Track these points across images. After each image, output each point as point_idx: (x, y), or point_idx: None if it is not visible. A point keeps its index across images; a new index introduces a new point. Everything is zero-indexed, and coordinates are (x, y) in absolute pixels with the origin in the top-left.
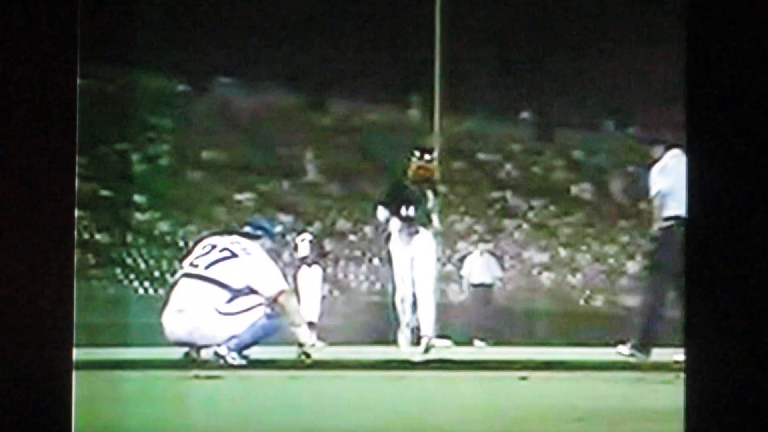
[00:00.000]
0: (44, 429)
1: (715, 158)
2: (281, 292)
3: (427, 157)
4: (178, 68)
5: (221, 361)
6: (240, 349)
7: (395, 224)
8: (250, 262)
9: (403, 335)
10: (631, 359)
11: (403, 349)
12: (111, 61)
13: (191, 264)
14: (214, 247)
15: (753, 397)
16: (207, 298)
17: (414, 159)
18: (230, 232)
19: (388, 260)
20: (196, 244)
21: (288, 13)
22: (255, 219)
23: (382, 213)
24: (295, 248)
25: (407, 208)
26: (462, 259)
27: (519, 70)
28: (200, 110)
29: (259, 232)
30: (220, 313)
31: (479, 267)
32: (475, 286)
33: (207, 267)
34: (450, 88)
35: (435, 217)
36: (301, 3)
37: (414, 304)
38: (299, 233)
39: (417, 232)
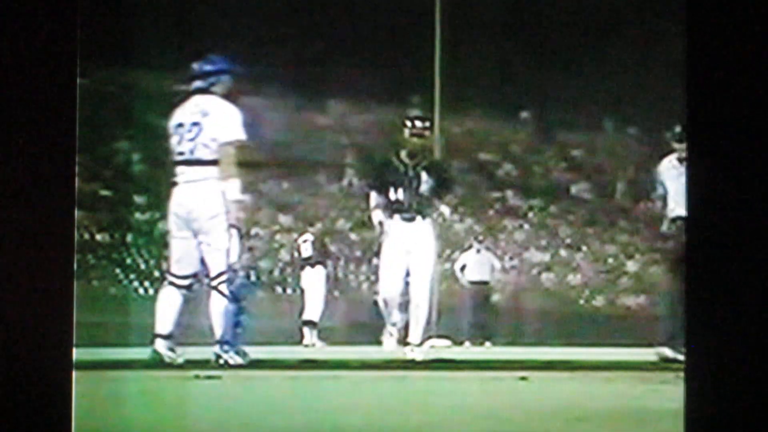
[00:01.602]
0: (44, 429)
1: (715, 158)
2: (233, 142)
3: (419, 124)
4: (178, 68)
5: (221, 362)
6: (230, 343)
7: (385, 211)
8: (211, 121)
9: (388, 336)
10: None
11: (386, 349)
12: (111, 61)
13: (179, 152)
14: (182, 126)
15: (753, 397)
16: (206, 176)
17: (406, 129)
18: (193, 92)
19: (378, 253)
20: (168, 126)
21: (288, 14)
22: (200, 64)
23: (372, 199)
24: (298, 249)
25: (395, 191)
26: (457, 258)
27: (519, 70)
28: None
29: (212, 79)
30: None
31: (475, 264)
32: (472, 283)
33: (192, 151)
34: (450, 88)
35: (437, 203)
36: (301, 3)
37: (403, 306)
38: (301, 234)
39: (412, 219)
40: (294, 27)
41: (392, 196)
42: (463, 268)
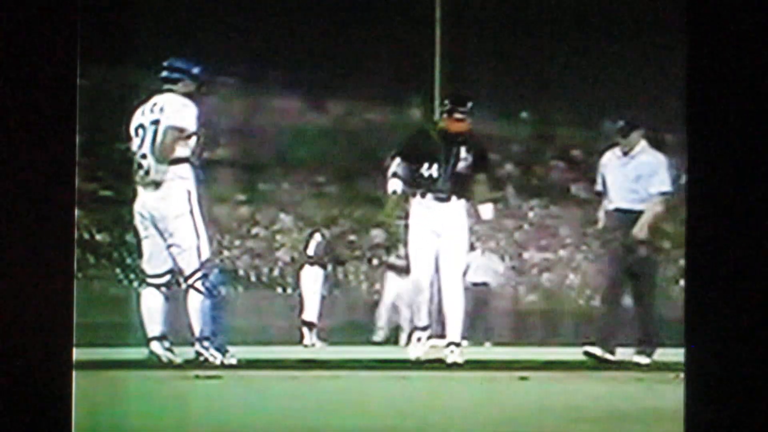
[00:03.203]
0: (44, 429)
1: (715, 158)
2: (186, 130)
3: (459, 114)
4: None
5: (202, 359)
6: (209, 339)
7: (414, 186)
8: (167, 115)
9: (416, 341)
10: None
11: (412, 353)
12: (111, 61)
13: (141, 156)
14: (142, 126)
15: (753, 397)
16: (170, 176)
17: (445, 114)
18: (153, 93)
19: (405, 236)
20: (127, 127)
21: (288, 13)
22: (171, 61)
23: (398, 169)
24: (305, 245)
25: (430, 166)
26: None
27: (519, 70)
28: (200, 110)
29: (176, 75)
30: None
31: (479, 266)
32: (473, 285)
33: (153, 151)
34: (450, 88)
35: (476, 184)
36: (301, 3)
37: (432, 304)
38: (311, 233)
39: (446, 200)
40: (293, 27)
41: (424, 171)
42: (467, 268)
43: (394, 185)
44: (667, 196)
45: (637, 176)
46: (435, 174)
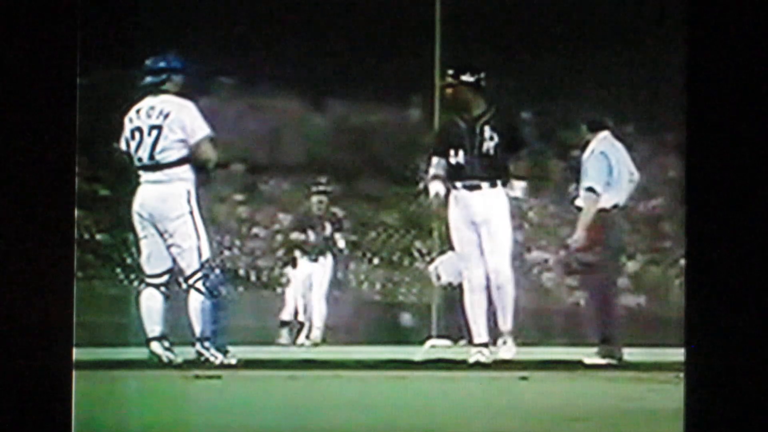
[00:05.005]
0: (44, 429)
1: (715, 159)
2: (205, 138)
3: (449, 77)
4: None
5: (203, 359)
6: (210, 340)
7: (448, 178)
8: (173, 123)
9: (480, 357)
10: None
11: (472, 358)
12: (111, 61)
13: (138, 159)
14: (140, 131)
15: (752, 397)
16: (169, 178)
17: (448, 83)
18: (143, 95)
19: (446, 231)
20: (122, 130)
21: (288, 13)
22: (153, 61)
23: (432, 167)
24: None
25: (456, 153)
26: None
27: (520, 70)
28: (200, 110)
29: (162, 76)
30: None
31: (447, 267)
32: (443, 287)
33: (150, 157)
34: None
35: (507, 166)
36: (301, 3)
37: (486, 293)
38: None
39: (476, 188)
40: (294, 27)
41: (452, 159)
42: (438, 269)
43: (435, 188)
44: (590, 193)
45: (578, 172)
46: (462, 161)
